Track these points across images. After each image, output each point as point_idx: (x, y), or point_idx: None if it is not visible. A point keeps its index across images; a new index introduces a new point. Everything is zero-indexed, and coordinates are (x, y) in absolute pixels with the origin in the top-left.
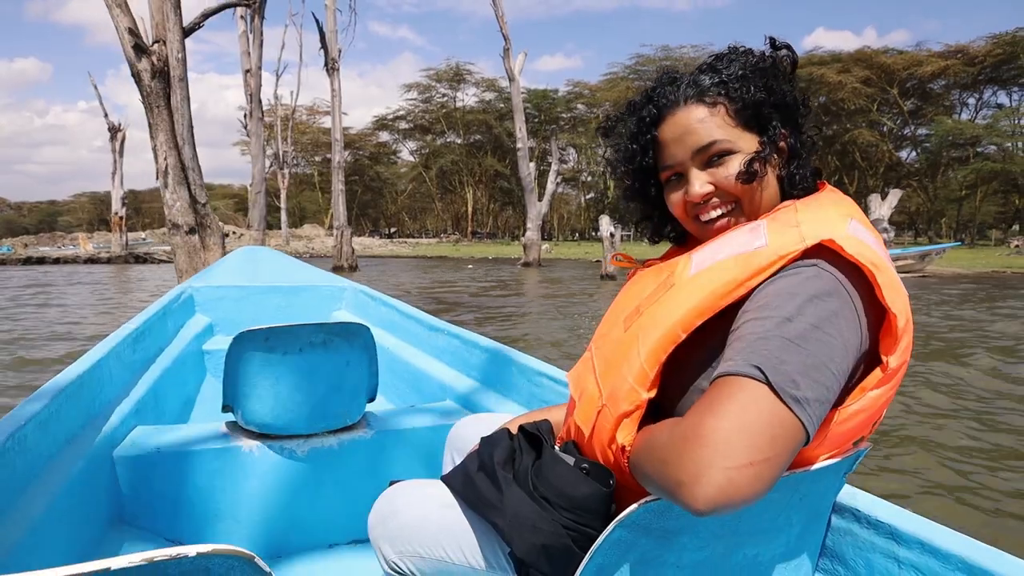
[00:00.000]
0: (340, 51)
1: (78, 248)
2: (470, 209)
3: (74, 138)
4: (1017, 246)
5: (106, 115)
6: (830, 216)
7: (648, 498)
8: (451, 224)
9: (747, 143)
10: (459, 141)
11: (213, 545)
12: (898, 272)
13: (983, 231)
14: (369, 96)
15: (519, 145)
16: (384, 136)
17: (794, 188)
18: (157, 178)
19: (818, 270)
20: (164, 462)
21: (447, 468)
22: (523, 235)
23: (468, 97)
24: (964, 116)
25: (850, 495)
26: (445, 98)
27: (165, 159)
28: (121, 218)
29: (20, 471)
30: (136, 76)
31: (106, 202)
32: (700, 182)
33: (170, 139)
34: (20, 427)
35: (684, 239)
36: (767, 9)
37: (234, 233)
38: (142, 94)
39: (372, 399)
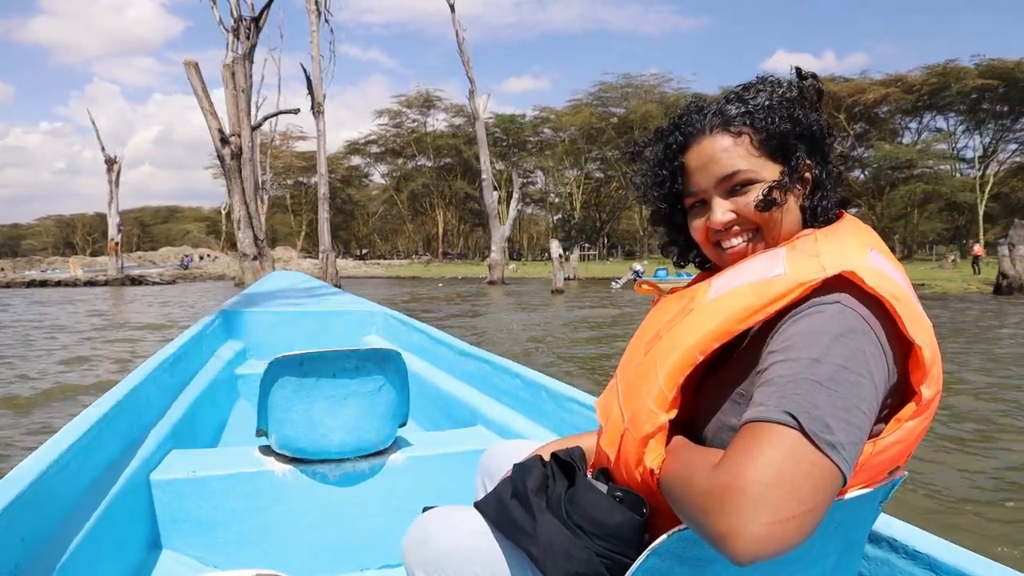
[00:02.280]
0: (324, 95)
1: (69, 272)
2: (440, 231)
3: (35, 160)
4: (953, 260)
5: (103, 148)
6: (850, 246)
7: (681, 527)
8: (422, 245)
9: (770, 173)
10: (429, 164)
11: (256, 570)
12: None
13: (930, 247)
14: (339, 118)
15: (484, 176)
16: (356, 160)
17: (816, 219)
18: (236, 226)
19: (841, 307)
20: (199, 486)
21: (479, 494)
22: (488, 256)
23: (438, 122)
24: (907, 139)
25: (886, 524)
26: (415, 123)
27: (238, 211)
28: (117, 243)
29: (63, 496)
30: (220, 157)
31: (72, 225)
32: (722, 210)
33: (241, 199)
34: (63, 453)
35: (708, 264)
36: (730, 33)
37: (208, 255)
38: (224, 169)
39: (403, 424)
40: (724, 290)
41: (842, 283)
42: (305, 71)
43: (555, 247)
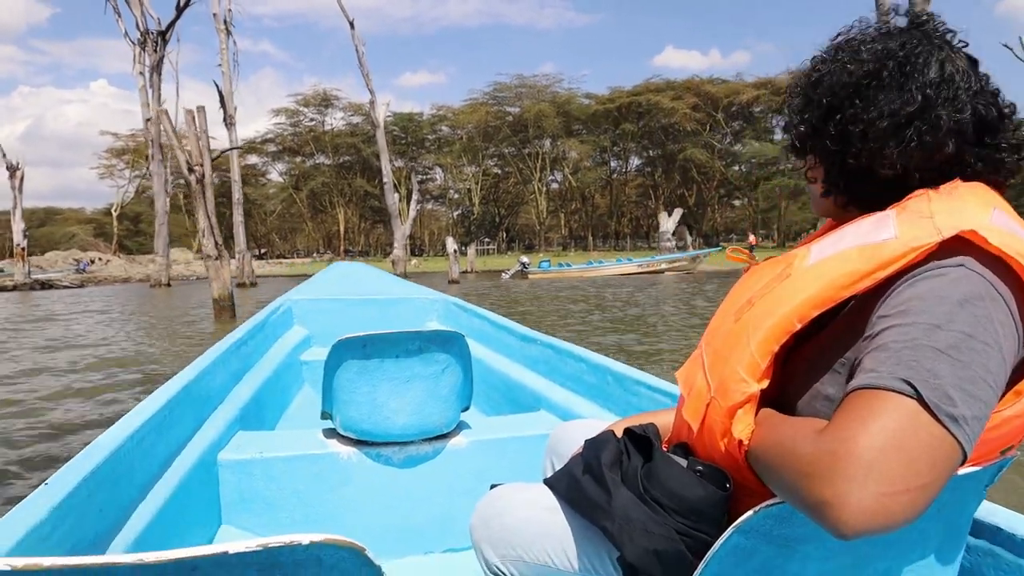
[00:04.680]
0: (235, 108)
1: None
2: (342, 228)
3: None
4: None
5: (3, 155)
6: (968, 205)
7: (769, 502)
8: (323, 243)
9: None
10: (328, 163)
11: (326, 535)
12: (675, 271)
13: (798, 236)
14: (248, 114)
15: (386, 180)
16: (253, 158)
17: (853, 202)
18: (201, 235)
19: (965, 270)
20: (265, 466)
21: (547, 474)
22: (392, 253)
23: (336, 120)
24: (779, 137)
25: (991, 511)
26: (313, 122)
27: (202, 224)
28: (23, 249)
29: (139, 471)
30: (187, 183)
31: None
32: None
33: (205, 213)
34: (137, 429)
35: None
36: (623, 29)
37: (100, 259)
38: (191, 191)
39: (466, 408)
40: (826, 254)
41: (962, 245)
42: (217, 87)
43: (450, 243)
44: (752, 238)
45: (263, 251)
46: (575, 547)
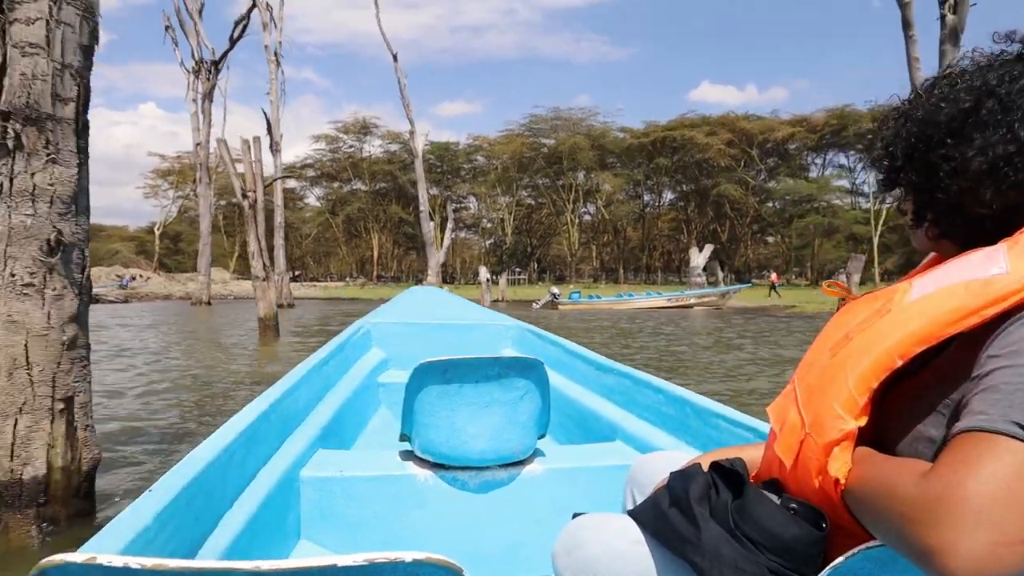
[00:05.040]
0: (281, 135)
1: None
2: (375, 254)
3: None
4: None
5: None
6: None
7: (868, 544)
8: (356, 267)
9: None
10: (365, 189)
11: (427, 554)
12: (704, 306)
13: (831, 274)
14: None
15: (422, 208)
16: (291, 182)
17: (945, 236)
18: (251, 257)
19: None
20: (344, 485)
21: (628, 505)
22: (425, 280)
23: (374, 148)
24: (814, 174)
25: None
26: (352, 148)
27: (252, 247)
28: None
29: (229, 483)
30: (238, 207)
31: None
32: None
33: (255, 236)
34: (230, 443)
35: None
36: (658, 64)
37: (141, 276)
38: (243, 215)
39: (543, 435)
40: (929, 290)
41: None
42: (266, 115)
43: (483, 272)
44: (774, 276)
45: (297, 273)
46: None
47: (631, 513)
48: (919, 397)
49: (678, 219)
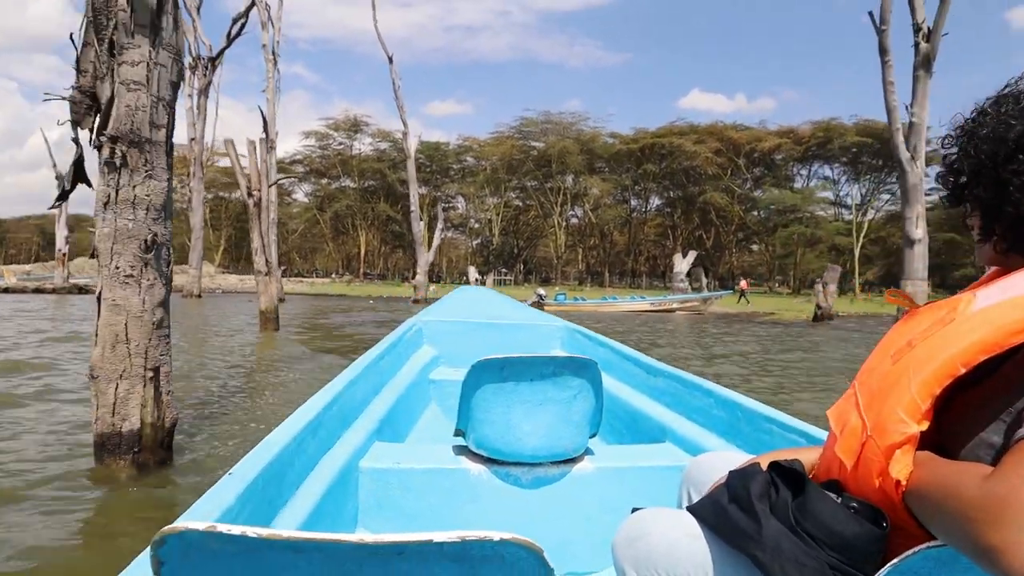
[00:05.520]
0: (277, 133)
1: (4, 280)
2: (363, 251)
3: None
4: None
5: (55, 165)
6: None
7: (929, 544)
8: (342, 264)
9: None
10: (354, 186)
11: (513, 535)
12: (686, 311)
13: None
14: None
15: (412, 209)
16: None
17: (1013, 249)
18: (254, 253)
19: None
20: (401, 476)
21: (684, 503)
22: (413, 278)
23: (364, 146)
24: (799, 184)
25: None
26: (342, 146)
27: (256, 243)
28: (64, 255)
29: (296, 470)
30: (246, 205)
31: None
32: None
33: (259, 233)
34: (298, 432)
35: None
36: (650, 70)
37: None
38: (248, 213)
39: (594, 434)
40: (994, 300)
41: None
42: (262, 113)
43: (472, 272)
44: (744, 283)
45: (283, 269)
46: (718, 573)
47: (690, 508)
48: (982, 405)
49: (664, 225)
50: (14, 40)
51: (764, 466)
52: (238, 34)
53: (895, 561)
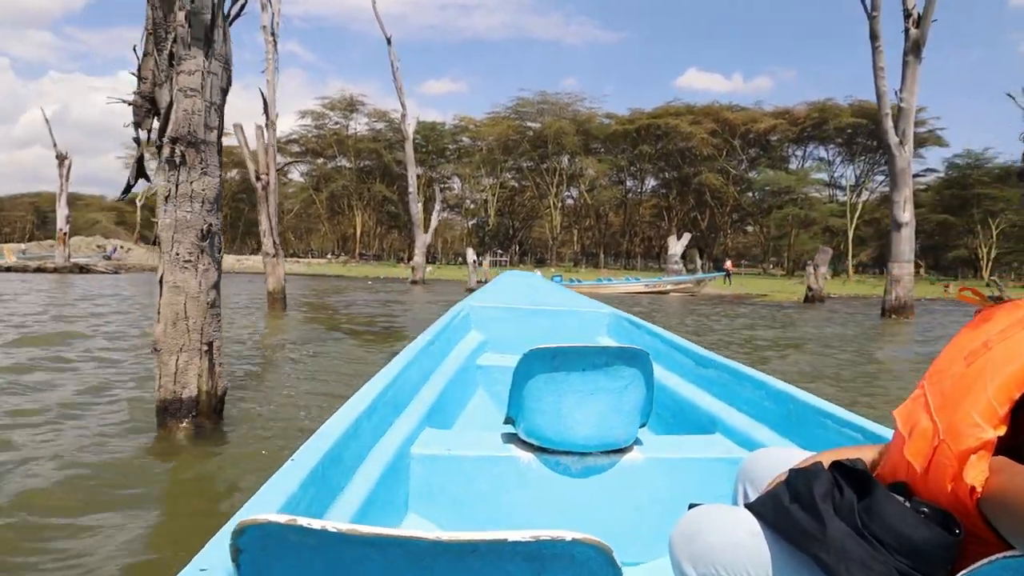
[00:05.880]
0: (277, 115)
1: (4, 259)
2: (358, 231)
3: None
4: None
5: (55, 144)
6: None
7: (1008, 553)
8: (338, 244)
9: None
10: (350, 166)
11: (584, 535)
12: (680, 292)
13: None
14: (254, 109)
15: (411, 190)
16: (276, 157)
17: None
18: (263, 235)
19: None
20: (453, 463)
21: (740, 499)
22: (410, 260)
23: (360, 125)
24: (794, 165)
25: None
26: (338, 125)
27: (264, 225)
28: (65, 234)
29: (352, 456)
30: (254, 189)
31: None
32: None
33: (267, 215)
34: (355, 420)
35: None
36: (648, 48)
37: (122, 247)
38: (257, 197)
39: (644, 424)
40: None
41: None
42: (263, 94)
43: (470, 254)
44: (729, 264)
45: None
46: (778, 572)
47: (749, 506)
48: None
49: (659, 206)
50: (6, 14)
51: (825, 465)
52: (237, 14)
53: (970, 568)
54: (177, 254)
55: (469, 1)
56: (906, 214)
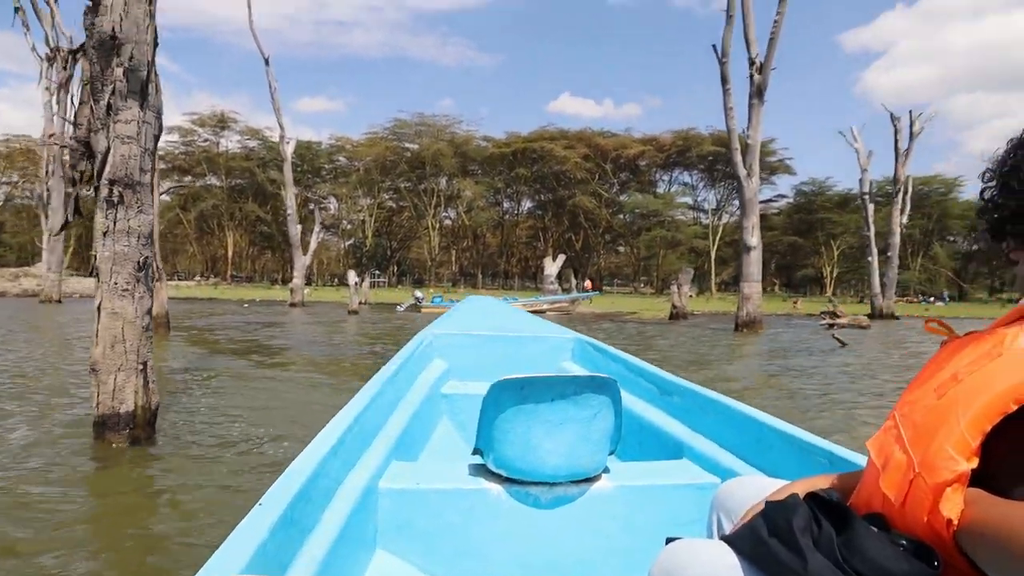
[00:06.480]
0: None
1: None
2: (230, 253)
3: None
4: (690, 295)
5: None
6: None
7: None
8: (207, 266)
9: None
10: (220, 185)
11: None
12: (556, 311)
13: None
14: None
15: (289, 212)
16: None
17: None
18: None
19: None
20: (421, 497)
21: (714, 529)
22: (285, 282)
23: (231, 143)
24: (662, 189)
25: None
26: (207, 143)
27: None
28: None
29: (323, 490)
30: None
31: None
32: None
33: None
34: (324, 457)
35: None
36: (523, 72)
37: None
38: None
39: (613, 452)
40: None
41: None
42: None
43: (352, 276)
44: (588, 283)
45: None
46: None
47: (727, 539)
48: None
49: (536, 227)
50: None
51: (800, 495)
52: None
53: None
54: (116, 283)
55: (346, 18)
56: (754, 239)
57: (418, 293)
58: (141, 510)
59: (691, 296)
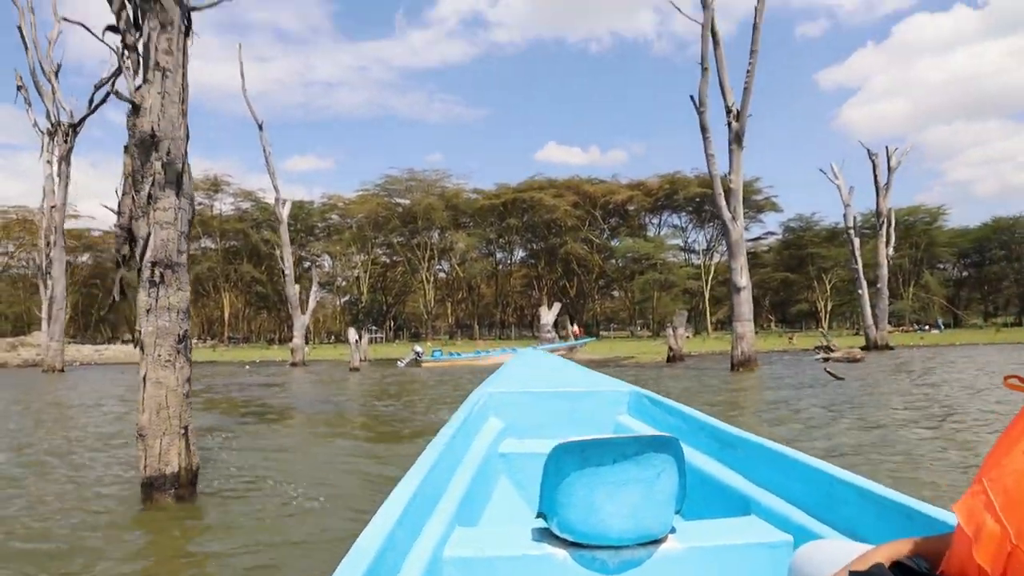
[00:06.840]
0: None
1: None
2: (227, 314)
3: None
4: (686, 336)
5: None
6: None
7: None
8: (203, 329)
9: None
10: (215, 247)
11: None
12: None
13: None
14: (104, 189)
15: (287, 272)
16: None
17: None
18: None
19: None
20: (488, 565)
21: None
22: (282, 342)
23: (225, 205)
24: (652, 232)
25: None
26: (201, 206)
27: None
28: None
29: (391, 564)
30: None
31: None
32: None
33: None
34: (391, 529)
35: None
36: (508, 124)
37: None
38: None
39: (678, 511)
40: None
41: None
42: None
43: (352, 333)
44: (576, 329)
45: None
46: None
47: None
48: None
49: (529, 275)
50: None
51: (882, 560)
52: (103, 101)
53: None
54: (159, 355)
55: (332, 79)
56: (743, 279)
57: (417, 348)
58: (194, 567)
59: (688, 337)
